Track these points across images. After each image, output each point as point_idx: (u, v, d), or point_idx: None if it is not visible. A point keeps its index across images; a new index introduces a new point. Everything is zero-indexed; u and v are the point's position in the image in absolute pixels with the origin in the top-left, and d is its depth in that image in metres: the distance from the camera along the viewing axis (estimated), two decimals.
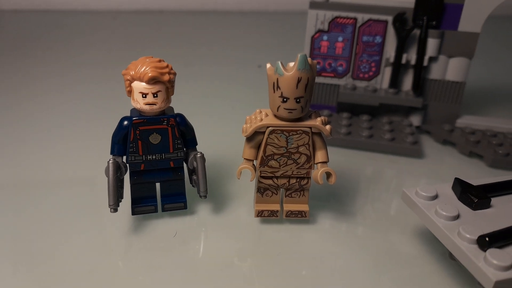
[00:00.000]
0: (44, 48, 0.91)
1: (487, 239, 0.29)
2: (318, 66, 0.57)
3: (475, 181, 0.36)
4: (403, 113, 0.58)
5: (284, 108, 0.35)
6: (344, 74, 0.57)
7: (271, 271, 0.36)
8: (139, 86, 0.35)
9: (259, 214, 0.40)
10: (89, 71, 0.78)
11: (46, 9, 1.20)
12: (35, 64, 0.81)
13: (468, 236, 0.30)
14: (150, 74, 0.34)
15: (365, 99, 0.55)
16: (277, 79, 0.34)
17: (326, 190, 0.46)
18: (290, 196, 0.40)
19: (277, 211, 0.40)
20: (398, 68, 0.54)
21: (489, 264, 0.28)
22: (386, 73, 0.56)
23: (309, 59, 0.34)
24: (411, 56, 0.54)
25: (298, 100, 0.34)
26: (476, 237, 0.30)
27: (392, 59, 0.54)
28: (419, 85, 0.54)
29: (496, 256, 0.28)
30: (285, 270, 0.36)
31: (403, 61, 0.54)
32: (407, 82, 0.56)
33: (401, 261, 0.37)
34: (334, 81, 0.58)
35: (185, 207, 0.41)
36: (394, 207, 0.45)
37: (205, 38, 1.03)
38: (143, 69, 0.35)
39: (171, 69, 0.36)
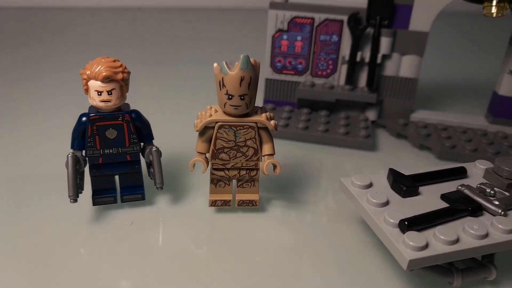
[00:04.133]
0: (22, 45, 0.93)
1: (406, 223, 0.32)
2: (279, 64, 0.60)
3: (408, 171, 0.40)
4: (360, 108, 0.61)
5: (230, 105, 0.38)
6: (304, 72, 0.60)
7: (226, 257, 0.39)
8: (94, 84, 0.37)
9: (213, 203, 0.43)
10: (67, 67, 0.80)
11: (24, 6, 1.21)
12: (13, 61, 0.83)
13: (391, 220, 0.33)
14: (104, 73, 0.37)
15: (322, 95, 0.58)
16: (222, 77, 0.37)
17: (291, 182, 0.49)
18: (241, 186, 0.43)
19: (230, 200, 0.43)
20: (353, 66, 0.57)
21: (406, 246, 0.31)
22: (343, 71, 0.59)
23: (252, 59, 0.37)
24: (365, 54, 0.57)
25: (242, 97, 0.37)
26: (397, 222, 0.33)
27: (347, 57, 0.57)
28: (373, 81, 0.57)
29: (413, 238, 0.31)
30: (240, 256, 0.39)
31: (358, 59, 0.57)
32: (363, 79, 0.59)
33: (358, 247, 0.40)
34: (295, 78, 0.60)
35: (143, 198, 0.43)
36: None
37: (182, 35, 1.06)
38: (98, 68, 0.37)
39: (125, 68, 0.38)
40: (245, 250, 0.39)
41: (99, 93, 0.38)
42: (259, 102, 0.63)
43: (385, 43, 0.56)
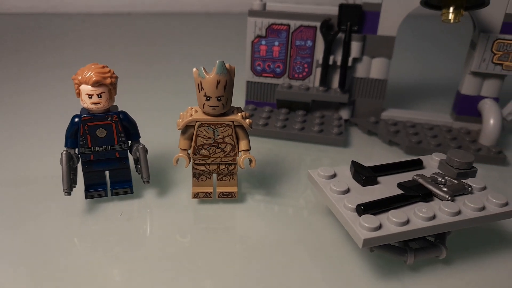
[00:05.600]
0: (13, 50, 0.96)
1: (362, 207, 0.37)
2: (258, 68, 0.64)
3: (369, 163, 0.44)
4: (334, 108, 0.66)
5: (208, 105, 0.42)
6: (282, 75, 0.64)
7: (208, 245, 0.42)
8: (85, 88, 0.41)
9: (195, 196, 0.47)
10: (58, 73, 0.83)
11: (15, 13, 1.24)
12: (6, 67, 0.86)
13: (350, 205, 0.37)
14: (94, 78, 0.41)
15: (299, 96, 0.63)
16: (201, 81, 0.41)
17: (270, 177, 0.53)
18: (221, 179, 0.47)
19: (211, 192, 0.47)
20: (327, 69, 0.62)
21: (362, 227, 0.36)
22: (317, 73, 0.63)
23: (227, 64, 0.41)
24: (337, 57, 0.62)
25: (219, 98, 0.41)
26: (355, 206, 0.37)
27: (321, 61, 0.62)
28: (345, 83, 0.62)
29: (368, 221, 0.36)
30: (221, 243, 0.42)
31: (331, 62, 0.62)
32: (336, 80, 0.63)
33: (330, 235, 0.43)
34: (273, 80, 0.65)
35: (131, 192, 0.47)
36: None
37: (169, 39, 1.09)
38: (88, 74, 0.41)
39: (113, 73, 0.42)
40: (226, 238, 0.43)
41: (89, 96, 0.42)
42: (241, 103, 0.68)
43: (355, 47, 0.61)
